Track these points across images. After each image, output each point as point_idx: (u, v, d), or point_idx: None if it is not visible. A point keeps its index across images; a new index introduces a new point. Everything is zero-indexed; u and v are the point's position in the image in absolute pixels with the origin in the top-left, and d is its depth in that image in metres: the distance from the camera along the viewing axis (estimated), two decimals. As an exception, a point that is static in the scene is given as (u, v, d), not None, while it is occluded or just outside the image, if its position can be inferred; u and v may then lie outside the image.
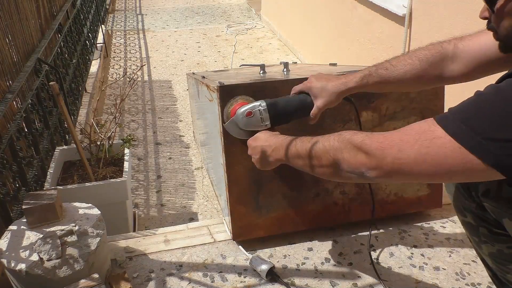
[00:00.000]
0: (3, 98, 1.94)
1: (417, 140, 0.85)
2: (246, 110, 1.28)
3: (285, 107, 1.28)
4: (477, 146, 0.78)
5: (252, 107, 1.28)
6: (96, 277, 1.25)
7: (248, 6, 7.47)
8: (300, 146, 1.12)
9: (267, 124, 1.28)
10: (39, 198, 1.36)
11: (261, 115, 1.27)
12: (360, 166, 0.94)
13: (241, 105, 1.35)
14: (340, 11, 3.90)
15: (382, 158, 0.90)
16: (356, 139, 0.97)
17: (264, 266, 1.44)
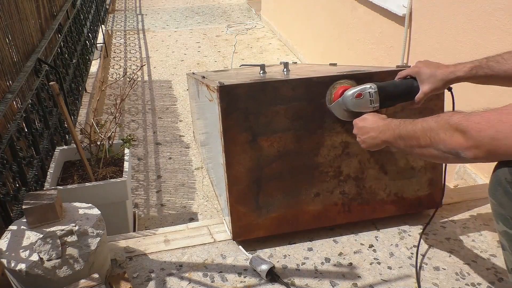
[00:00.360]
0: (3, 98, 1.94)
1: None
2: (356, 91, 1.34)
3: (393, 91, 1.34)
4: None
5: (362, 89, 1.34)
6: (96, 277, 1.25)
7: (248, 6, 7.47)
8: (402, 128, 1.15)
9: (376, 106, 1.34)
10: (39, 198, 1.36)
11: (371, 97, 1.33)
12: (456, 146, 0.95)
13: (345, 88, 1.43)
14: (340, 11, 3.90)
15: (480, 139, 0.90)
16: (453, 120, 0.97)
17: (264, 266, 1.44)
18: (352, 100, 1.37)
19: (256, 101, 1.50)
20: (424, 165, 1.67)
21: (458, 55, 2.39)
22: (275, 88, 1.51)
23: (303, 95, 1.53)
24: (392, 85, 1.37)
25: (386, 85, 1.36)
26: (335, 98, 1.48)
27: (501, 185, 1.03)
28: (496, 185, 1.04)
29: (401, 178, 1.67)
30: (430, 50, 2.65)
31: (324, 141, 1.58)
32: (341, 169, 1.62)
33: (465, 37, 2.33)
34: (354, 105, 1.38)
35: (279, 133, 1.54)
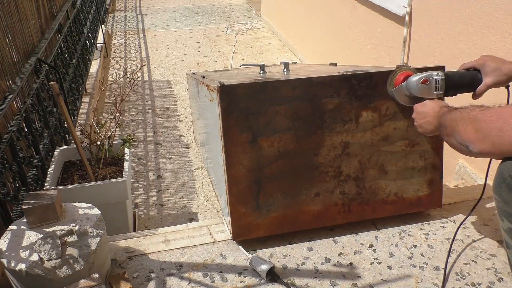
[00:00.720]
0: (3, 98, 1.94)
1: None
2: (423, 77, 1.36)
3: (459, 80, 1.36)
4: None
5: (428, 75, 1.36)
6: (96, 277, 1.25)
7: (248, 6, 7.47)
8: (446, 116, 1.18)
9: (440, 93, 1.37)
10: (39, 198, 1.36)
11: (437, 84, 1.35)
12: (466, 139, 0.98)
13: (407, 74, 1.45)
14: (340, 11, 3.90)
15: (488, 130, 0.92)
16: (473, 113, 1.00)
17: (264, 266, 1.44)
18: (417, 85, 1.38)
19: (256, 101, 1.50)
20: (424, 165, 1.67)
21: (458, 55, 2.39)
22: (275, 88, 1.51)
23: (303, 95, 1.53)
24: (457, 74, 1.39)
25: (452, 74, 1.38)
26: (396, 83, 1.49)
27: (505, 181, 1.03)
28: (500, 182, 1.04)
29: (401, 178, 1.67)
30: (430, 50, 2.65)
31: (324, 141, 1.58)
32: (341, 169, 1.62)
33: (465, 37, 2.33)
34: (418, 91, 1.39)
35: (279, 133, 1.54)
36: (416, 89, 1.40)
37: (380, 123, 1.61)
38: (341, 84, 1.55)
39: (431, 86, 1.38)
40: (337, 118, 1.58)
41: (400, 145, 1.65)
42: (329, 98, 1.55)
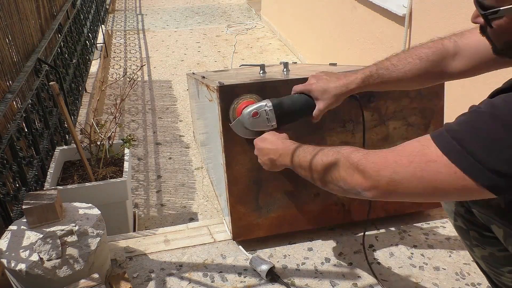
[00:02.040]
0: (3, 98, 1.94)
1: (411, 162, 0.85)
2: (252, 110, 1.28)
3: (290, 107, 1.28)
4: (472, 167, 0.78)
5: (258, 107, 1.28)
6: (96, 277, 1.25)
7: (248, 6, 7.47)
8: (303, 156, 1.12)
9: (274, 124, 1.29)
10: (39, 198, 1.36)
11: (267, 115, 1.28)
12: (356, 186, 0.94)
13: (246, 104, 1.36)
14: (340, 11, 3.90)
15: (378, 180, 0.90)
16: (352, 158, 0.96)
17: (264, 266, 1.44)
18: (249, 119, 1.30)
19: (256, 101, 1.50)
20: (424, 165, 1.67)
21: (458, 55, 2.39)
22: (275, 88, 1.51)
23: (303, 95, 1.53)
24: (288, 102, 1.29)
25: (282, 102, 1.29)
26: (238, 113, 1.39)
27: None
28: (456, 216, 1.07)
29: (401, 178, 1.67)
30: (430, 50, 2.65)
31: (324, 141, 1.58)
32: (341, 169, 1.62)
33: (465, 37, 2.33)
34: (251, 124, 1.31)
35: (279, 133, 1.54)
36: (249, 123, 1.30)
37: (380, 122, 1.61)
38: (341, 84, 1.55)
39: (263, 119, 1.29)
40: (337, 118, 1.57)
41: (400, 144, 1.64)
42: (329, 98, 1.55)
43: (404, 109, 1.61)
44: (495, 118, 0.78)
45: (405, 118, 1.62)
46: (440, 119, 1.65)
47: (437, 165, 0.81)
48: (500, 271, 1.16)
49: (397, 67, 1.21)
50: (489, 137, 0.78)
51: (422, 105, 1.63)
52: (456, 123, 0.83)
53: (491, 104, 0.80)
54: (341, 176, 0.98)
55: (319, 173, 1.06)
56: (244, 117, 1.31)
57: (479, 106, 0.82)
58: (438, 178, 0.82)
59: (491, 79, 2.12)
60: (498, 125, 0.77)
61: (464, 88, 2.34)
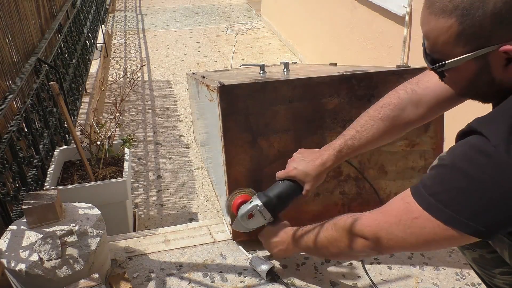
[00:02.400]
0: (3, 98, 1.94)
1: (400, 221, 0.95)
2: (247, 213, 1.38)
3: (280, 198, 1.36)
4: (450, 219, 0.85)
5: (251, 208, 1.37)
6: (96, 277, 1.25)
7: (248, 6, 7.47)
8: (306, 239, 1.23)
9: (270, 218, 1.39)
10: (39, 198, 1.36)
11: (261, 214, 1.37)
12: (364, 248, 1.04)
13: (240, 200, 1.45)
14: (340, 11, 3.90)
15: (377, 240, 1.00)
16: (350, 226, 1.07)
17: (264, 266, 1.44)
18: (247, 221, 1.39)
19: (256, 101, 1.50)
20: (424, 165, 1.67)
21: (458, 55, 2.39)
22: (275, 88, 1.51)
23: (303, 95, 1.53)
24: (276, 194, 1.37)
25: (271, 197, 1.36)
26: (233, 207, 1.48)
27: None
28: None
29: (401, 178, 1.67)
30: (430, 50, 2.65)
31: (324, 141, 1.58)
32: (341, 169, 1.62)
33: (465, 37, 2.33)
34: (250, 224, 1.41)
35: (279, 133, 1.54)
36: (248, 223, 1.41)
37: (380, 123, 1.61)
38: (341, 84, 1.55)
39: (258, 218, 1.38)
40: (337, 118, 1.58)
41: (400, 145, 1.65)
42: (329, 98, 1.55)
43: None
44: (457, 170, 0.85)
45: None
46: (440, 119, 1.65)
47: (422, 220, 0.90)
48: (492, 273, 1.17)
49: (363, 134, 1.27)
50: (455, 188, 0.85)
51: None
52: (428, 178, 0.91)
53: (453, 155, 0.87)
54: (347, 245, 1.07)
55: (327, 249, 1.15)
56: (243, 219, 1.40)
57: (444, 158, 0.89)
58: (426, 232, 0.90)
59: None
60: (460, 176, 0.84)
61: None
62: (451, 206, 0.85)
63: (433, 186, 0.89)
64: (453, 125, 2.36)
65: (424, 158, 1.67)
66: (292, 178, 1.35)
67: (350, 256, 1.11)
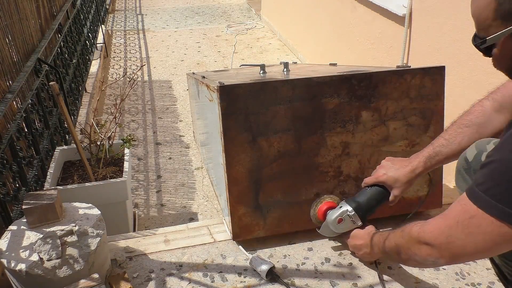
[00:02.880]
0: (3, 98, 1.94)
1: (458, 222, 0.97)
2: (337, 217, 1.46)
3: (369, 204, 1.44)
4: (503, 213, 0.87)
5: (341, 213, 1.45)
6: (96, 277, 1.25)
7: (248, 6, 7.47)
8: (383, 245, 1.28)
9: (359, 224, 1.46)
10: (39, 198, 1.36)
11: (351, 219, 1.44)
12: (427, 257, 1.06)
13: (326, 206, 1.55)
14: (340, 11, 3.90)
15: (439, 246, 1.02)
16: (413, 233, 1.09)
17: (264, 266, 1.44)
18: (336, 225, 1.47)
19: (256, 101, 1.50)
20: (424, 165, 1.67)
21: (458, 55, 2.39)
22: (275, 88, 1.51)
23: (303, 95, 1.53)
24: (365, 200, 1.44)
25: (361, 203, 1.44)
26: (319, 217, 1.57)
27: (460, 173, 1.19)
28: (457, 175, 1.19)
29: (401, 178, 1.67)
30: (430, 50, 2.65)
31: (324, 141, 1.58)
32: (341, 169, 1.62)
33: (465, 37, 2.33)
34: (339, 229, 1.48)
35: (279, 133, 1.54)
36: (337, 227, 1.48)
37: (380, 123, 1.61)
38: (341, 84, 1.55)
39: (348, 222, 1.46)
40: (337, 118, 1.58)
41: (400, 145, 1.65)
42: (329, 98, 1.55)
43: (404, 110, 1.61)
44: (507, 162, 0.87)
45: (405, 118, 1.62)
46: (440, 119, 1.65)
47: (477, 219, 0.92)
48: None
49: (450, 141, 1.31)
50: (506, 180, 0.86)
51: (422, 105, 1.63)
52: (480, 176, 0.93)
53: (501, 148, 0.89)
54: (413, 253, 1.09)
55: (398, 255, 1.17)
56: (331, 223, 1.48)
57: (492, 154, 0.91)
58: (482, 230, 0.92)
59: (491, 79, 2.12)
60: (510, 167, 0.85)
61: (464, 88, 2.34)
62: (503, 200, 0.86)
63: (484, 183, 0.90)
64: (453, 125, 2.36)
65: (424, 158, 1.67)
66: (381, 184, 1.41)
67: (420, 263, 1.12)
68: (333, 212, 1.48)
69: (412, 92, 1.61)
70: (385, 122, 1.62)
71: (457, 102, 2.41)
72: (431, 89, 1.62)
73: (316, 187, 1.61)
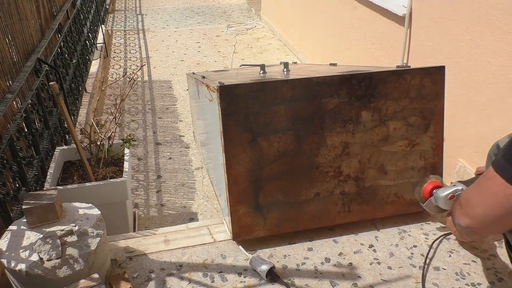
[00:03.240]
0: (3, 98, 1.94)
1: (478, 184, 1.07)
2: (449, 193, 1.47)
3: None
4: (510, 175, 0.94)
5: (454, 190, 1.47)
6: (96, 277, 1.25)
7: (248, 6, 7.47)
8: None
9: None
10: (39, 198, 1.36)
11: None
12: (459, 216, 1.14)
13: (432, 184, 1.57)
14: (340, 11, 3.90)
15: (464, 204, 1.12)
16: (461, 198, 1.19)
17: (264, 266, 1.44)
18: (446, 201, 1.48)
19: (256, 101, 1.50)
20: (424, 165, 1.67)
21: (458, 55, 2.39)
22: (275, 88, 1.51)
23: (303, 95, 1.53)
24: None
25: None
26: (424, 193, 1.59)
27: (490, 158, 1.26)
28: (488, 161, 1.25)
29: (401, 178, 1.67)
30: (430, 50, 2.65)
31: (324, 141, 1.58)
32: (341, 169, 1.62)
33: (465, 37, 2.33)
34: (447, 205, 1.49)
35: (279, 133, 1.54)
36: (445, 204, 1.49)
37: (380, 123, 1.61)
38: (341, 84, 1.55)
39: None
40: (337, 118, 1.58)
41: (400, 145, 1.65)
42: (329, 98, 1.55)
43: (404, 110, 1.61)
44: None
45: (405, 118, 1.62)
46: (440, 119, 1.65)
47: (491, 180, 1.00)
48: None
49: None
50: None
51: (422, 105, 1.63)
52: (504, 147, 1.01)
53: None
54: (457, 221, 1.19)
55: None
56: (440, 199, 1.49)
57: None
58: (492, 191, 1.00)
59: (491, 79, 2.12)
60: None
61: (464, 88, 2.35)
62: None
63: (504, 150, 0.99)
64: (453, 125, 2.37)
65: (424, 158, 1.67)
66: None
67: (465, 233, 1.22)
68: (445, 189, 1.50)
69: (412, 92, 1.61)
70: (385, 122, 1.62)
71: (457, 102, 2.41)
72: (431, 89, 1.62)
73: (316, 187, 1.61)
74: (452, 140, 2.41)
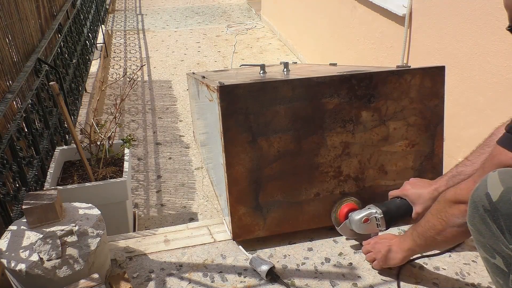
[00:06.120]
0: (3, 98, 1.94)
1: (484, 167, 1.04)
2: (363, 217, 1.45)
3: (396, 213, 1.46)
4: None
5: (368, 214, 1.45)
6: (96, 277, 1.25)
7: (248, 6, 7.47)
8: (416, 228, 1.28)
9: (383, 229, 1.47)
10: (39, 198, 1.36)
11: (377, 221, 1.45)
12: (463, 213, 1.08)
13: (350, 208, 1.56)
14: (340, 11, 3.90)
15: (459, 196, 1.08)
16: (449, 195, 1.14)
17: (264, 266, 1.44)
18: (360, 225, 1.46)
19: (256, 101, 1.50)
20: (424, 165, 1.67)
21: (458, 55, 2.39)
22: (275, 88, 1.51)
23: (303, 95, 1.53)
24: (394, 207, 1.47)
25: (389, 209, 1.46)
26: (340, 216, 1.58)
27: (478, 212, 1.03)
28: (474, 212, 1.04)
29: (401, 179, 1.67)
30: (430, 50, 2.65)
31: (324, 141, 1.58)
32: (341, 169, 1.62)
33: (465, 37, 2.33)
34: (361, 229, 1.47)
35: (279, 133, 1.54)
36: (359, 228, 1.47)
37: (380, 123, 1.61)
38: (341, 84, 1.55)
39: (373, 224, 1.46)
40: (337, 118, 1.58)
41: (400, 145, 1.65)
42: (329, 98, 1.55)
43: (404, 109, 1.61)
44: None
45: (405, 118, 1.62)
46: (440, 119, 1.65)
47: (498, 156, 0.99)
48: None
49: (473, 162, 1.33)
50: None
51: (422, 105, 1.63)
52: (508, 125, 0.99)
53: None
54: (450, 214, 1.13)
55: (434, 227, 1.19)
56: (355, 223, 1.47)
57: None
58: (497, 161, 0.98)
59: (491, 79, 2.12)
60: None
61: (464, 88, 2.35)
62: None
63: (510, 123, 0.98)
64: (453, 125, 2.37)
65: (424, 158, 1.67)
66: (405, 197, 1.45)
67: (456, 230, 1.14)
68: (359, 212, 1.49)
69: (412, 92, 1.61)
70: (385, 122, 1.62)
71: (457, 102, 2.41)
72: (431, 89, 1.62)
73: (316, 187, 1.61)
74: (452, 140, 2.41)
